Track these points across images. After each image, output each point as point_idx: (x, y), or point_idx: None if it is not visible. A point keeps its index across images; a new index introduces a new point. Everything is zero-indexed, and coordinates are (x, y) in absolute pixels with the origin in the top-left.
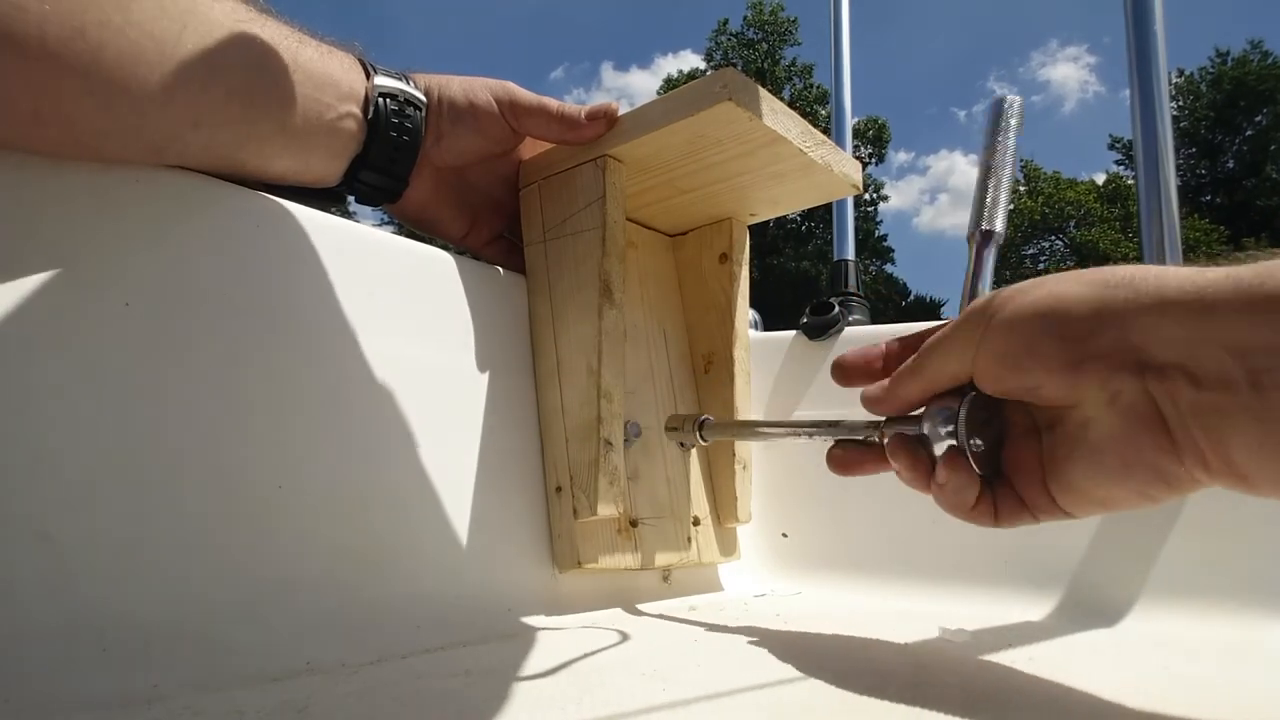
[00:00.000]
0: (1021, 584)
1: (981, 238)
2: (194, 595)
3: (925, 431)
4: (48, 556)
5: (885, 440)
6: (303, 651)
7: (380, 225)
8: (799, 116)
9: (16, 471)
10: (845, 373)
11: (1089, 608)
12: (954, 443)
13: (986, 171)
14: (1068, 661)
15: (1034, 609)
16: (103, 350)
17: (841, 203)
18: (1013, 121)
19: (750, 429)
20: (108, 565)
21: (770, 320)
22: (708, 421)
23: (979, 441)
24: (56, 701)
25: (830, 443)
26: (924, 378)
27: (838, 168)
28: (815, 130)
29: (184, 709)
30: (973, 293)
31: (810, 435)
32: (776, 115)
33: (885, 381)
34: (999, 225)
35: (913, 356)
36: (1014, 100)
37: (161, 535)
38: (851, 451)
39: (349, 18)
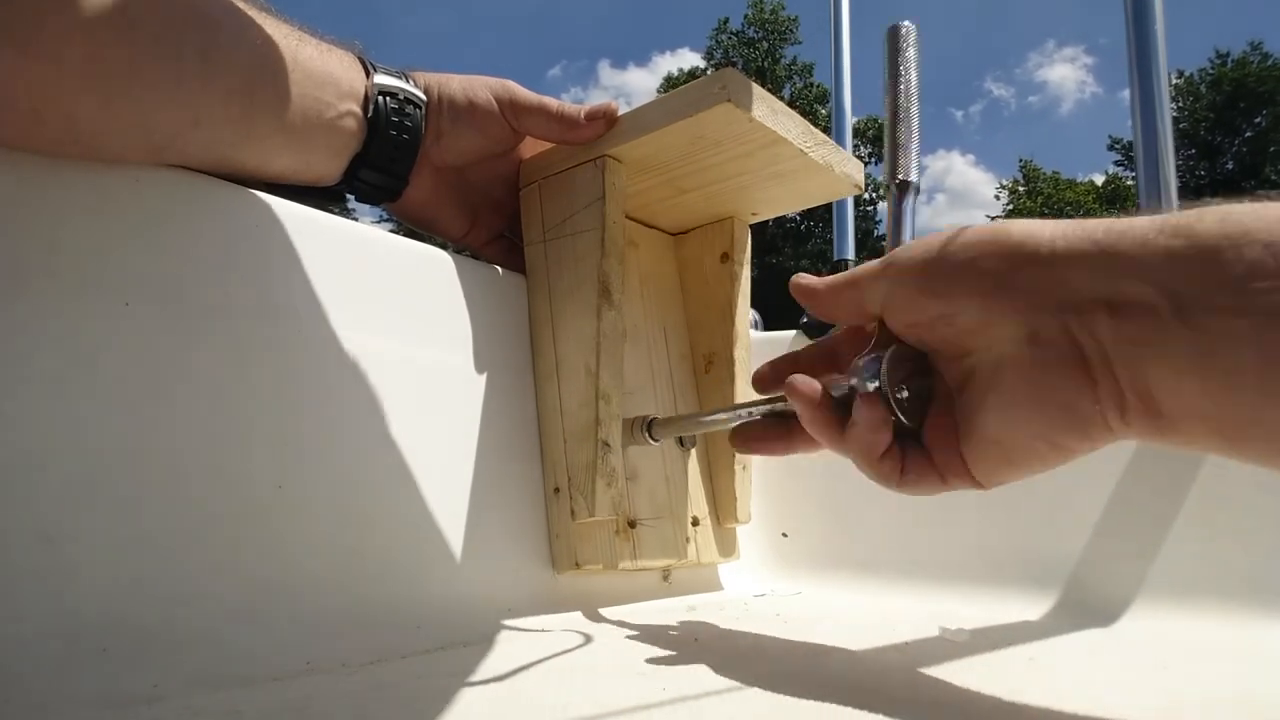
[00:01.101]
0: (1021, 584)
1: (899, 189)
2: (194, 595)
3: (853, 384)
4: (48, 556)
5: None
6: (303, 651)
7: (379, 224)
8: (799, 116)
9: (16, 471)
10: (764, 384)
11: (1088, 607)
12: (877, 385)
13: (895, 115)
14: (1067, 661)
15: (1034, 608)
16: (103, 350)
17: (841, 202)
18: (911, 52)
19: (696, 419)
20: (108, 565)
21: (770, 320)
22: (655, 421)
23: (903, 390)
24: (56, 701)
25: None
26: (853, 290)
27: (839, 167)
28: (816, 130)
29: (184, 709)
30: (896, 245)
31: (765, 414)
32: (776, 116)
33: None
34: (914, 175)
35: (837, 278)
36: (909, 27)
37: (161, 535)
38: (755, 428)
39: (349, 17)
